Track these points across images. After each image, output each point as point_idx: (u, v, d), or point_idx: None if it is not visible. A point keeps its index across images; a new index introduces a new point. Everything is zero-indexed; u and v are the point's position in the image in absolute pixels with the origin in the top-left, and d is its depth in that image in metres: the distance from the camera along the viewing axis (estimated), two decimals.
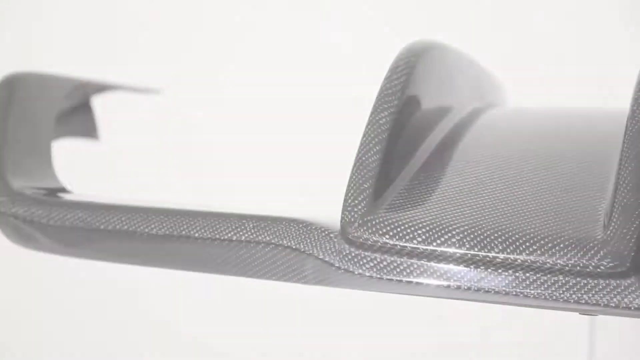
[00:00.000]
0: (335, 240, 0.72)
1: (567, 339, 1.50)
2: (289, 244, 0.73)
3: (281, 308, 1.90)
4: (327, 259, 0.72)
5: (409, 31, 1.65)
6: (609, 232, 0.66)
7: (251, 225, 0.75)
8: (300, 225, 0.73)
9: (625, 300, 0.65)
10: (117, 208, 0.80)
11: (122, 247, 0.80)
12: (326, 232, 0.72)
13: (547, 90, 1.71)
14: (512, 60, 1.73)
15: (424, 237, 0.69)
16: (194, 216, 0.77)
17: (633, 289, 0.65)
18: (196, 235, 0.77)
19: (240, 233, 0.75)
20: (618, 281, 0.65)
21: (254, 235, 0.75)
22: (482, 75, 0.99)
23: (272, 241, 0.74)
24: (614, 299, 0.65)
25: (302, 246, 0.73)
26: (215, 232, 0.76)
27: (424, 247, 0.69)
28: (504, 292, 0.67)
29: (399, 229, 0.69)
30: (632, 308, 0.65)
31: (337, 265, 0.71)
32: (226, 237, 0.76)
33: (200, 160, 1.98)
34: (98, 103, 1.17)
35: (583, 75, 1.71)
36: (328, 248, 0.72)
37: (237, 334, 1.94)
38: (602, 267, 0.65)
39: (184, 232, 0.77)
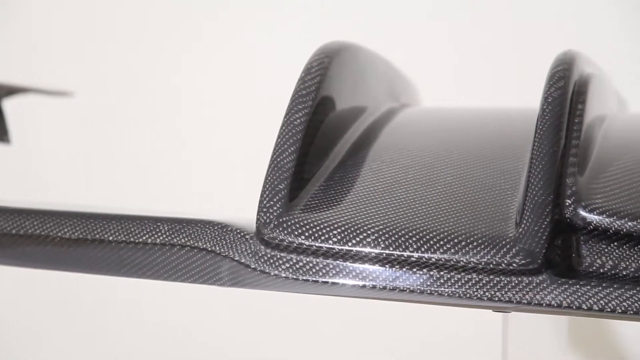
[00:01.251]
0: (251, 241, 0.72)
1: (481, 337, 1.52)
2: (205, 246, 0.73)
3: (280, 308, 1.88)
4: (242, 261, 0.71)
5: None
6: (520, 229, 0.67)
7: (166, 228, 0.74)
8: (216, 227, 0.73)
9: (537, 296, 0.66)
10: (29, 212, 0.79)
11: (35, 252, 0.79)
12: (242, 234, 0.72)
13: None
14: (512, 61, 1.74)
15: (339, 237, 0.69)
16: (107, 219, 0.76)
17: (545, 285, 0.66)
18: (110, 238, 0.76)
19: (155, 236, 0.74)
20: (530, 278, 0.66)
21: (169, 237, 0.74)
22: (396, 75, 1.00)
23: (187, 243, 0.73)
24: (527, 296, 0.66)
25: (217, 248, 0.72)
26: (130, 235, 0.75)
27: (340, 247, 0.69)
28: (418, 291, 0.68)
29: (314, 230, 0.69)
30: (544, 304, 0.66)
31: (252, 266, 0.71)
32: (141, 240, 0.75)
33: (116, 163, 1.96)
34: (9, 106, 1.15)
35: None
36: (243, 250, 0.72)
37: (236, 334, 1.92)
38: (514, 265, 0.66)
39: (97, 236, 0.76)
